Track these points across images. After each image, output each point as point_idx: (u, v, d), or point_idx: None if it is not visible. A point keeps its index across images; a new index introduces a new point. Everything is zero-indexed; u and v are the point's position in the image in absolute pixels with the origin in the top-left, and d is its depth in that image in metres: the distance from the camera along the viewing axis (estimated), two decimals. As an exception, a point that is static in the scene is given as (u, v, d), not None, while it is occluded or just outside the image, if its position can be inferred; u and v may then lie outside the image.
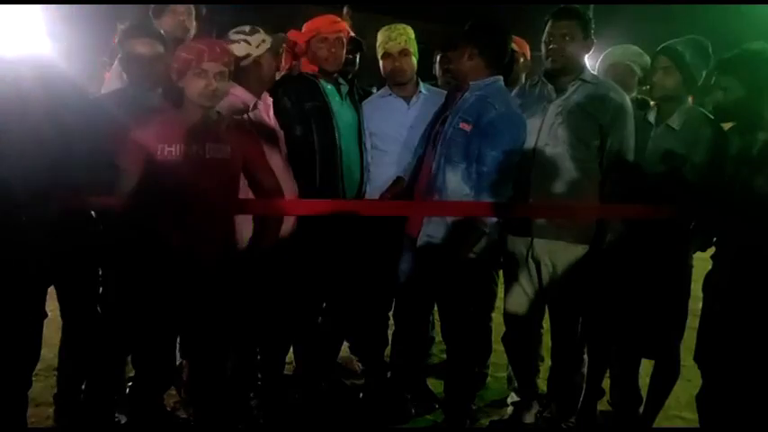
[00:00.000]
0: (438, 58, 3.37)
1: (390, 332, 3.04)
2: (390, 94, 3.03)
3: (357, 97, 3.00)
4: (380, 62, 3.02)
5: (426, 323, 3.02)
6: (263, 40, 2.62)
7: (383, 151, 2.97)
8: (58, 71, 2.40)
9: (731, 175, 2.22)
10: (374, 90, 3.20)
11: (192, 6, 3.03)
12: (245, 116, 2.64)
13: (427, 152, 2.71)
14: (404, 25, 3.00)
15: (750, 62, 2.31)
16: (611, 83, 2.68)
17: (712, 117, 2.52)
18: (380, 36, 2.99)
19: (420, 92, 3.02)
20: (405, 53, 2.94)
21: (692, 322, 2.43)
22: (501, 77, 2.64)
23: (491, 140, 2.49)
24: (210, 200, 2.30)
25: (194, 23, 3.05)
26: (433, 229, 2.61)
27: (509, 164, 2.51)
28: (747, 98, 2.19)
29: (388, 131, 2.96)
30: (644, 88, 2.87)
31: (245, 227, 2.53)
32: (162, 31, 2.86)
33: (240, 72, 2.53)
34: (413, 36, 2.97)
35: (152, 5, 2.99)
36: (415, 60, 2.99)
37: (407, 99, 3.00)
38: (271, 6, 8.94)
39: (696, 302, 2.44)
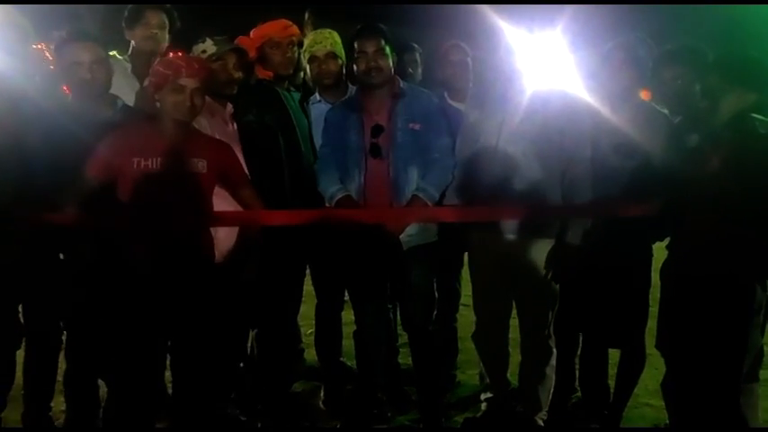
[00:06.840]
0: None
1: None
2: (320, 101, 3.01)
3: (307, 104, 2.99)
4: (306, 66, 2.99)
5: (388, 320, 3.04)
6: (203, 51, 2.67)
7: None
8: (16, 87, 2.38)
9: (680, 165, 2.29)
10: None
11: (165, 19, 3.00)
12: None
13: (369, 163, 2.71)
14: (330, 30, 2.99)
15: (688, 57, 2.38)
16: None
17: (662, 110, 2.59)
18: (306, 40, 2.98)
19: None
20: (330, 56, 2.93)
21: (655, 311, 2.49)
22: None
23: (439, 129, 2.73)
24: (184, 214, 2.30)
25: (167, 36, 3.02)
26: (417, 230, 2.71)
27: (453, 146, 2.75)
28: (686, 90, 2.27)
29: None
30: None
31: (224, 240, 2.54)
32: (133, 43, 2.83)
33: None
34: (339, 40, 2.95)
35: (126, 16, 2.97)
36: (340, 64, 2.96)
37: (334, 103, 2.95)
38: (236, 15, 8.87)
39: (656, 291, 2.50)
